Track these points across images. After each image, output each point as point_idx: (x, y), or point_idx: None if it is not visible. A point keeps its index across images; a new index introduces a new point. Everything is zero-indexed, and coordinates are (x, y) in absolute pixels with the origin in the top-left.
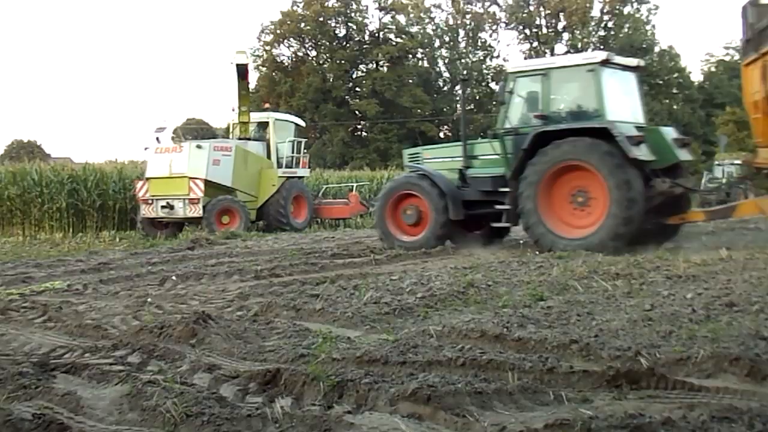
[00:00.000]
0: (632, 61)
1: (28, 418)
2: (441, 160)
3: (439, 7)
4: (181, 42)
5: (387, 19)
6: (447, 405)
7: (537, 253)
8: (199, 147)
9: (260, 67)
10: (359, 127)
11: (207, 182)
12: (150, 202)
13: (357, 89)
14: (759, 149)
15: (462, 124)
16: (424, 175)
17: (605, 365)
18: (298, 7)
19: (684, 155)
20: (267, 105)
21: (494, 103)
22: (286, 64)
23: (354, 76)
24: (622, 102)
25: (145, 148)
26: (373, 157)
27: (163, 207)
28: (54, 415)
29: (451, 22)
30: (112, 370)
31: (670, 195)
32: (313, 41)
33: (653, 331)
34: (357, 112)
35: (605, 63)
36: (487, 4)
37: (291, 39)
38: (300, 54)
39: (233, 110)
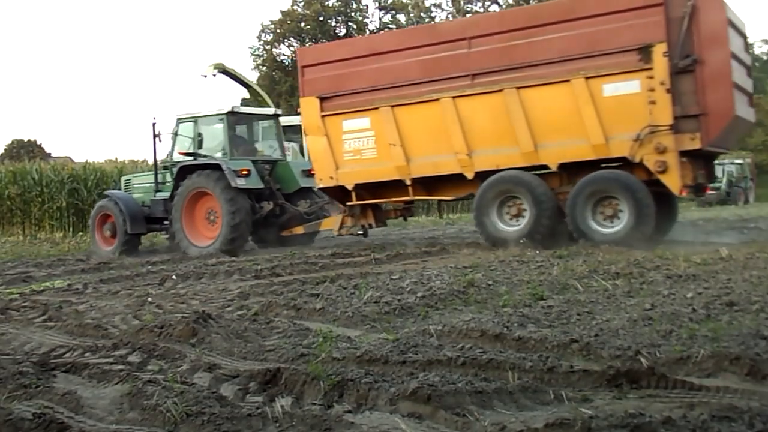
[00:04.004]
0: (269, 110)
1: (29, 418)
2: (144, 185)
3: (439, 6)
4: (181, 41)
5: (387, 18)
6: (447, 404)
7: (537, 252)
8: None
9: (260, 67)
10: None
11: None
12: None
13: None
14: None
15: (154, 157)
16: (113, 199)
17: (605, 364)
18: (298, 6)
19: (306, 182)
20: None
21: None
22: (286, 63)
23: None
24: (255, 142)
25: None
26: None
27: None
28: (54, 414)
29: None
30: (113, 369)
31: (294, 214)
32: (314, 40)
33: (653, 331)
34: None
35: (231, 113)
36: (487, 3)
37: (291, 38)
38: None
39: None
